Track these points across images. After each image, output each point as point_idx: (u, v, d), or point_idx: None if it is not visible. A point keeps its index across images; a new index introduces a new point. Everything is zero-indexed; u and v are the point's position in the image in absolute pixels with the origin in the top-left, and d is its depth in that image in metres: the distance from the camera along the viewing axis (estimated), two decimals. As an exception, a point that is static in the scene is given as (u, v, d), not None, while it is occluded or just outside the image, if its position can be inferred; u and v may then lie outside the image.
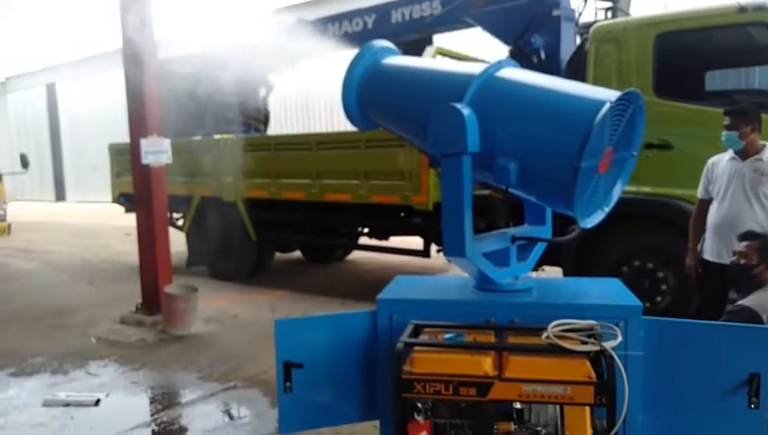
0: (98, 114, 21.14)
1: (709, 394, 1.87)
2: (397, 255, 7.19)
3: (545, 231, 2.32)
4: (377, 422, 2.19)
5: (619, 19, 5.48)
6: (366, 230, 7.53)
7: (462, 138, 1.89)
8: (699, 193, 3.90)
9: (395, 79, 2.32)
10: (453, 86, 2.02)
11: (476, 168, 2.00)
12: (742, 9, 4.30)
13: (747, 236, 2.78)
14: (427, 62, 2.85)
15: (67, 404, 4.02)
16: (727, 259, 3.50)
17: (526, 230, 2.31)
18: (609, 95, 1.80)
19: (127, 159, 6.23)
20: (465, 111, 1.90)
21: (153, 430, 3.71)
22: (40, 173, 25.47)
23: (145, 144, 5.69)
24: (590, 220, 1.99)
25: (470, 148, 1.91)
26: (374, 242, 7.53)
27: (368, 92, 2.34)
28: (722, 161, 3.76)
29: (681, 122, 4.60)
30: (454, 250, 2.00)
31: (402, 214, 6.50)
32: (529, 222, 2.36)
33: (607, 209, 2.04)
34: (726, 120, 3.64)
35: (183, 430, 3.72)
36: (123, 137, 6.42)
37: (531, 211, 2.34)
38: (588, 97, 1.86)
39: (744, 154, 3.64)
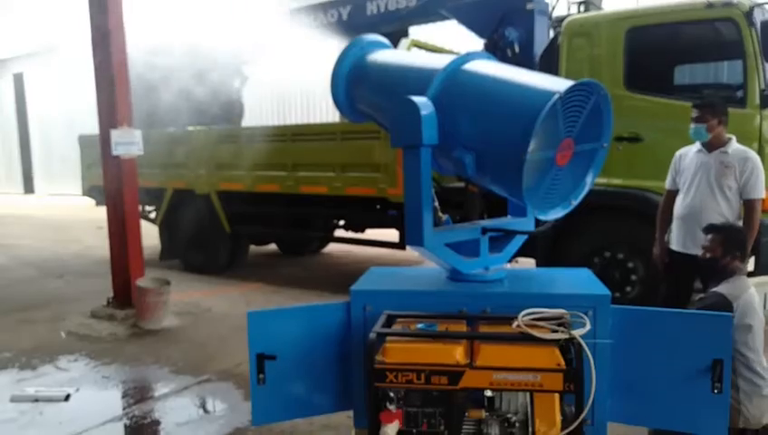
0: (67, 105, 20.66)
1: (675, 380, 1.92)
2: (372, 247, 7.20)
3: (527, 223, 2.32)
4: (351, 413, 2.20)
5: (592, 13, 5.55)
6: (342, 223, 7.52)
7: (417, 130, 1.91)
8: (667, 184, 3.99)
9: (375, 73, 2.33)
10: (421, 79, 2.03)
11: (447, 160, 2.01)
12: (710, 5, 4.39)
13: (709, 229, 2.84)
14: (404, 55, 2.86)
15: (36, 400, 3.95)
16: (692, 249, 3.58)
17: (501, 222, 2.32)
18: (562, 86, 1.79)
19: (97, 151, 6.11)
20: (422, 103, 1.92)
21: (125, 425, 3.67)
22: (7, 165, 24.89)
23: (115, 135, 5.60)
24: (553, 213, 1.99)
25: (426, 140, 1.92)
26: (350, 234, 7.53)
27: (354, 86, 2.35)
28: (689, 153, 3.85)
29: (651, 116, 4.68)
30: (413, 239, 2.03)
31: (378, 206, 6.50)
32: (512, 214, 2.37)
33: (575, 202, 2.06)
34: (694, 113, 3.72)
35: (155, 423, 3.69)
36: (94, 128, 6.30)
37: (513, 203, 2.36)
38: (539, 88, 1.85)
39: (710, 147, 3.72)
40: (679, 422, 1.95)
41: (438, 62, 2.12)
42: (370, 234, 7.35)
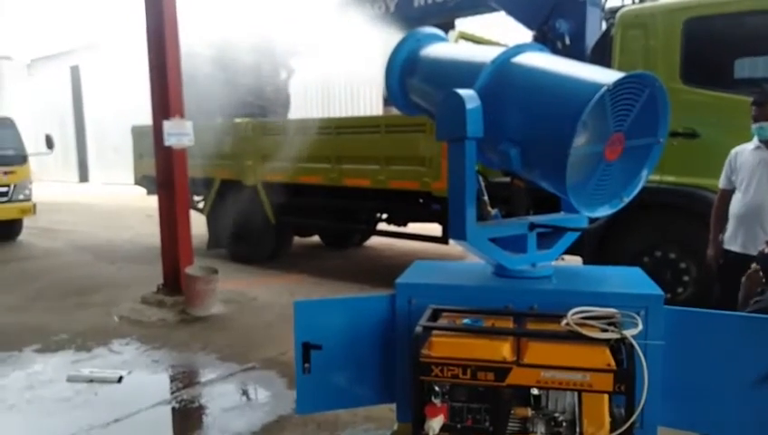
0: (121, 96, 21.33)
1: (730, 385, 1.85)
2: (415, 241, 7.18)
3: (580, 220, 2.26)
4: (393, 405, 2.21)
5: (647, 4, 5.36)
6: (384, 216, 7.53)
7: (461, 123, 1.90)
8: (721, 183, 3.84)
9: (428, 65, 2.34)
10: (470, 72, 2.01)
11: (494, 154, 1.99)
12: (775, -6, 4.19)
13: None
14: (456, 47, 2.85)
15: (91, 380, 4.12)
16: (752, 250, 3.43)
17: (553, 218, 2.27)
18: (611, 78, 1.73)
19: (149, 142, 6.30)
20: (467, 96, 1.90)
21: (174, 408, 3.79)
22: (64, 154, 25.86)
23: (168, 126, 5.75)
24: (602, 209, 1.95)
25: (470, 133, 1.91)
26: (393, 228, 7.54)
27: (408, 78, 2.37)
28: (745, 151, 3.69)
29: (709, 111, 4.51)
30: (456, 233, 2.03)
31: (421, 200, 6.48)
32: (565, 210, 2.32)
33: (627, 199, 1.99)
34: (756, 111, 3.56)
35: (202, 408, 3.79)
36: (146, 119, 6.49)
37: (566, 199, 2.31)
38: (586, 81, 1.79)
39: (769, 143, 3.57)
40: (734, 430, 1.88)
41: (489, 54, 2.09)
42: (413, 228, 7.34)
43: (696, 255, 4.47)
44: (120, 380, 4.13)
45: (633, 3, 5.56)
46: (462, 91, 1.91)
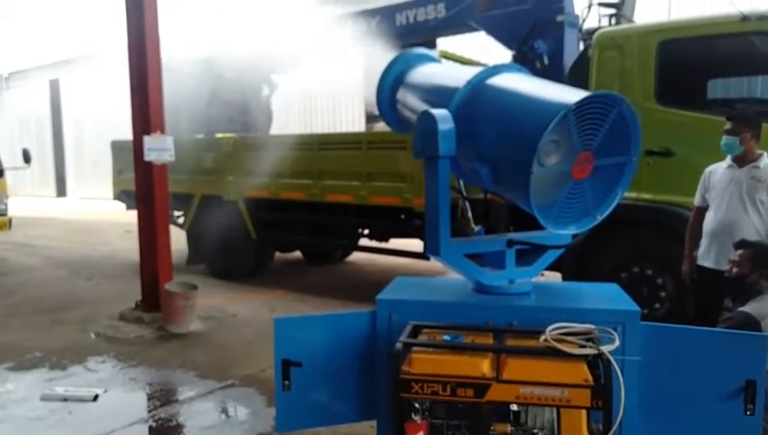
0: (101, 111, 21.15)
1: (706, 400, 1.88)
2: (397, 256, 7.19)
3: (562, 237, 2.25)
4: (374, 422, 2.20)
5: (623, 26, 5.50)
6: (366, 232, 7.54)
7: (434, 142, 1.95)
8: (696, 201, 3.94)
9: (415, 86, 2.39)
10: (450, 93, 2.05)
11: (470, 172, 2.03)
12: (745, 18, 4.32)
13: (740, 244, 2.77)
14: (441, 68, 2.91)
15: (65, 399, 4.03)
16: (725, 265, 3.51)
17: (534, 235, 2.29)
18: (575, 99, 1.75)
19: (129, 157, 6.24)
20: (440, 116, 1.95)
21: (151, 427, 3.72)
22: (41, 169, 25.49)
23: (148, 141, 5.71)
24: (571, 227, 1.95)
25: (442, 152, 1.96)
26: (374, 244, 7.54)
27: (398, 99, 2.44)
28: (719, 169, 3.80)
29: (683, 130, 4.61)
30: (432, 249, 2.06)
31: (402, 216, 6.51)
32: None
33: (600, 217, 2.01)
34: (728, 126, 3.67)
35: (180, 427, 3.73)
36: (126, 134, 6.44)
37: None
38: (550, 101, 1.82)
39: (741, 161, 3.67)
40: (710, 444, 1.91)
41: (470, 74, 2.13)
42: (395, 243, 7.35)
43: (672, 271, 4.54)
44: (95, 398, 4.05)
45: (609, 24, 5.69)
46: (435, 112, 1.95)
